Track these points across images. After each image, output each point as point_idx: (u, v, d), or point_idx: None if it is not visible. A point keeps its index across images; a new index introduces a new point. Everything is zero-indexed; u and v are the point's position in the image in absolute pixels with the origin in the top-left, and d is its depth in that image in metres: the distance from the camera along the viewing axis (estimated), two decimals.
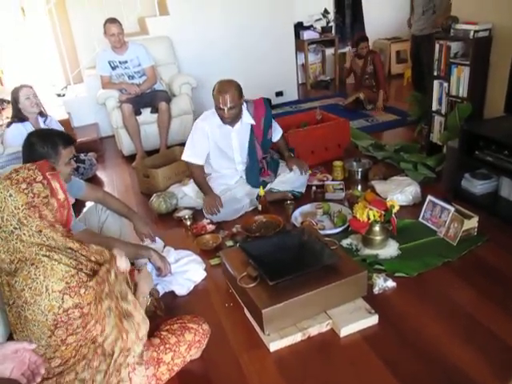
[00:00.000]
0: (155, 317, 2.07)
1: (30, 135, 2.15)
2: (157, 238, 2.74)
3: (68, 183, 2.25)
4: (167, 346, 1.74)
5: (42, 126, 3.78)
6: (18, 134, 3.61)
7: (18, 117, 3.69)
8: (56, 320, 1.47)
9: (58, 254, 1.50)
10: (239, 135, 3.13)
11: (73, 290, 1.49)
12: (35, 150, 2.06)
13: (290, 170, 3.28)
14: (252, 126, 3.14)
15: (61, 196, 1.60)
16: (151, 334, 1.79)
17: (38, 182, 1.53)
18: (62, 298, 1.47)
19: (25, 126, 3.66)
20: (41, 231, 1.51)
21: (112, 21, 4.28)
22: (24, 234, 1.49)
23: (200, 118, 3.14)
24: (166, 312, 2.20)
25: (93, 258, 1.62)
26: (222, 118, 2.98)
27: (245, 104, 3.10)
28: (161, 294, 2.35)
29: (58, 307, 1.46)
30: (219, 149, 3.15)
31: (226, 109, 2.89)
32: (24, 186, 1.50)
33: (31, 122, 3.70)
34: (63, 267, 1.49)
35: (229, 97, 2.85)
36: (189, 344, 1.79)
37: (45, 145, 2.07)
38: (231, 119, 2.98)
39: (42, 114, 3.84)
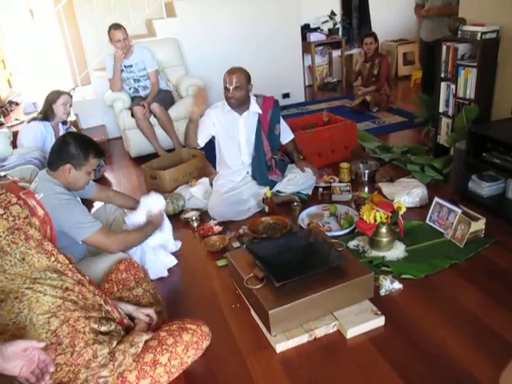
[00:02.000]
0: (158, 315, 2.07)
1: (69, 134, 2.20)
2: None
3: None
4: (164, 346, 1.73)
5: (62, 132, 3.81)
6: (38, 132, 3.65)
7: (45, 115, 3.71)
8: (45, 345, 1.46)
9: (42, 286, 1.46)
10: (246, 124, 3.19)
11: (60, 309, 1.48)
12: (68, 149, 2.10)
13: (302, 170, 3.30)
14: (259, 116, 3.20)
15: (40, 212, 1.56)
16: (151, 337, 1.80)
17: (13, 204, 1.48)
18: (48, 322, 1.45)
19: (45, 126, 3.69)
20: (24, 259, 1.46)
21: (116, 27, 4.25)
22: (6, 263, 1.45)
23: (210, 107, 3.25)
24: (172, 312, 2.21)
25: (78, 277, 1.62)
26: (227, 99, 3.07)
27: (255, 97, 3.20)
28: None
29: (46, 332, 1.45)
30: (227, 136, 3.21)
31: (231, 88, 2.99)
32: (1, 211, 1.45)
33: (52, 124, 3.74)
34: (49, 298, 1.46)
35: (235, 77, 2.98)
36: (186, 345, 1.77)
37: (79, 148, 2.11)
38: (235, 101, 3.06)
39: (64, 122, 3.90)
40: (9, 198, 1.48)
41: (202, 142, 3.23)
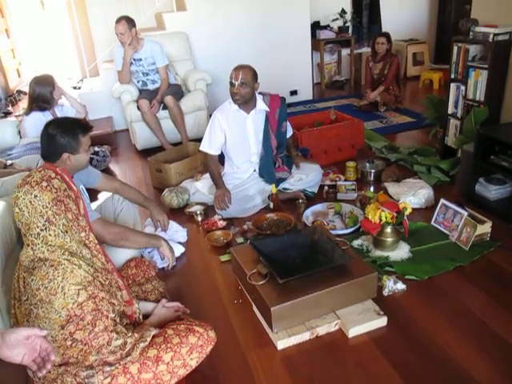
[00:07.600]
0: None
1: (47, 127, 2.11)
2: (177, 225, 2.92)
3: (84, 171, 2.29)
4: (169, 345, 1.71)
5: (59, 114, 3.78)
6: (39, 122, 3.61)
7: (39, 106, 3.64)
8: (69, 315, 1.49)
9: (78, 260, 1.55)
10: (254, 122, 3.18)
11: (90, 285, 1.54)
12: (56, 141, 2.05)
13: (297, 166, 3.33)
14: (267, 114, 3.19)
15: (74, 187, 1.67)
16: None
17: (53, 178, 1.59)
18: (78, 294, 1.51)
19: (44, 115, 3.66)
20: (67, 232, 1.56)
21: (118, 20, 4.26)
22: (50, 234, 1.53)
23: (217, 109, 3.22)
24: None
25: (104, 262, 1.71)
26: (232, 95, 3.04)
27: (261, 96, 3.18)
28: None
29: (73, 303, 1.50)
30: (236, 137, 3.19)
31: (236, 83, 2.97)
32: (45, 184, 1.55)
33: (50, 112, 3.70)
34: (82, 272, 1.54)
35: (241, 73, 2.96)
36: (191, 347, 1.74)
37: (65, 135, 2.05)
38: (239, 97, 3.02)
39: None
40: (48, 173, 1.60)
41: (216, 151, 3.22)
